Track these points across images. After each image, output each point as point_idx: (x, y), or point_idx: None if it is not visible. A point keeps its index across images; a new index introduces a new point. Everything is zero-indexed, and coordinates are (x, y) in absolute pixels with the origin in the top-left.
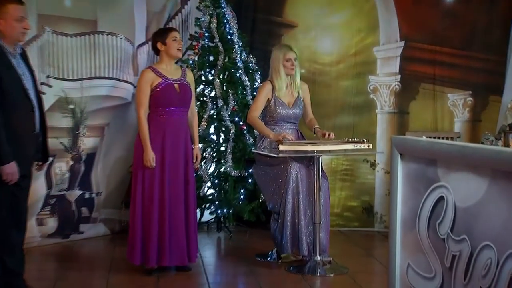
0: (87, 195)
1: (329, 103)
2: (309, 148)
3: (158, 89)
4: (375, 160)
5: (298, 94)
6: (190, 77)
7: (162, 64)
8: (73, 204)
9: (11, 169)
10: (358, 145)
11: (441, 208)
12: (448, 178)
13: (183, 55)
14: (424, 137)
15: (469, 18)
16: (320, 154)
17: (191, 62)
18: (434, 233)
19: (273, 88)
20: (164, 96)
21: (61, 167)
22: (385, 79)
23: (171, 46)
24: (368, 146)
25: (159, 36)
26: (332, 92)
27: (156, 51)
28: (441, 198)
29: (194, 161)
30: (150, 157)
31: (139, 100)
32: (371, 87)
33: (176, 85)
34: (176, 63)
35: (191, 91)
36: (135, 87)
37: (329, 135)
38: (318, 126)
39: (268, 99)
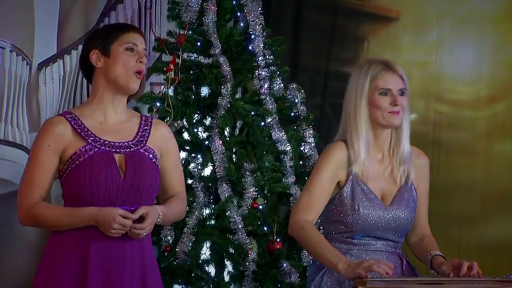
0: None
1: (471, 193)
2: None
3: (75, 165)
4: None
5: (407, 175)
6: (162, 135)
7: (95, 107)
8: None
9: None
10: None
11: None
12: None
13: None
14: None
15: None
16: None
17: (158, 104)
18: None
19: (350, 160)
20: (88, 184)
21: None
22: None
23: (120, 61)
24: None
25: (97, 38)
26: (478, 168)
27: (88, 75)
28: None
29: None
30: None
31: (30, 179)
32: None
33: (118, 157)
34: (129, 101)
35: (157, 169)
36: None
37: (470, 268)
38: (440, 253)
39: (338, 183)
